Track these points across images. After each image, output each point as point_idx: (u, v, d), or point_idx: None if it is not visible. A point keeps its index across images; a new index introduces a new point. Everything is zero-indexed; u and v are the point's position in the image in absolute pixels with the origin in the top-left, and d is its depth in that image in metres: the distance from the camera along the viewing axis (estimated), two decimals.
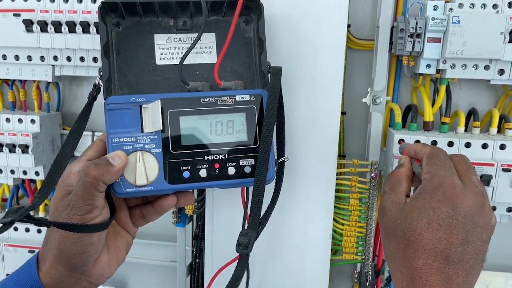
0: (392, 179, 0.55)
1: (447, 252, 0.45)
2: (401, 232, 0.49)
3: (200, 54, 0.63)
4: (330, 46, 0.68)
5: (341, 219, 0.81)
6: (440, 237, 0.46)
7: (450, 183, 0.48)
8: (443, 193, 0.48)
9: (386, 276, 0.85)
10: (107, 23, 0.61)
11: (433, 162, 0.52)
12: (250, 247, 0.51)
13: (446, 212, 0.47)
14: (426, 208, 0.48)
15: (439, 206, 0.47)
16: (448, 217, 0.46)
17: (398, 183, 0.54)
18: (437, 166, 0.51)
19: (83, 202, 0.49)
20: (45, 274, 0.51)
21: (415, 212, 0.48)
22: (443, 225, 0.46)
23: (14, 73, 0.86)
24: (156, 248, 0.95)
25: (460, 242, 0.45)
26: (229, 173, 0.56)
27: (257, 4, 0.62)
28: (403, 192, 0.53)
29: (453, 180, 0.48)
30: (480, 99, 0.83)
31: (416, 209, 0.48)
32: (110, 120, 0.54)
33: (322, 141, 0.71)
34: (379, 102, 0.79)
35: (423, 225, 0.47)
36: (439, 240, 0.46)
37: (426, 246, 0.46)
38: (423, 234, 0.47)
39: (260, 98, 0.58)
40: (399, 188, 0.53)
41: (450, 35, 0.69)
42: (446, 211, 0.47)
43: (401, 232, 0.48)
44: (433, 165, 0.51)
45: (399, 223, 0.49)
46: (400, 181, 0.54)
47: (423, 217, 0.47)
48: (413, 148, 0.57)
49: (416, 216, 0.48)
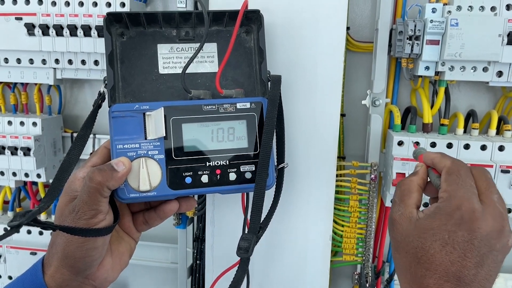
0: (402, 188, 0.52)
1: (459, 274, 0.44)
2: (413, 250, 0.47)
3: (202, 63, 0.65)
4: (329, 48, 0.68)
5: (341, 220, 0.81)
6: (453, 260, 0.44)
7: (469, 207, 0.46)
8: (461, 217, 0.45)
9: (386, 277, 0.86)
10: (112, 33, 0.62)
11: (453, 179, 0.49)
12: (250, 251, 0.51)
13: (462, 236, 0.45)
14: (441, 230, 0.46)
15: (455, 230, 0.45)
16: (463, 241, 0.45)
17: (408, 193, 0.51)
18: (457, 185, 0.48)
19: (88, 207, 0.50)
20: (50, 278, 0.52)
21: (429, 233, 0.46)
22: (458, 248, 0.45)
23: (16, 76, 0.87)
24: (157, 250, 0.95)
25: (474, 265, 0.44)
26: (230, 179, 0.56)
27: (258, 15, 0.63)
28: (413, 204, 0.51)
29: (473, 204, 0.46)
30: (479, 101, 0.83)
31: (431, 230, 0.46)
32: (115, 127, 0.55)
33: (322, 143, 0.71)
34: (378, 104, 0.80)
35: (437, 246, 0.45)
36: (452, 263, 0.44)
37: (438, 267, 0.45)
38: (436, 256, 0.45)
39: (260, 105, 0.58)
40: (409, 200, 0.51)
41: (449, 38, 0.70)
42: (462, 235, 0.45)
43: (413, 250, 0.47)
44: (453, 183, 0.48)
45: (411, 241, 0.47)
46: (411, 191, 0.52)
47: (437, 239, 0.46)
48: (431, 158, 0.54)
49: (430, 236, 0.46)
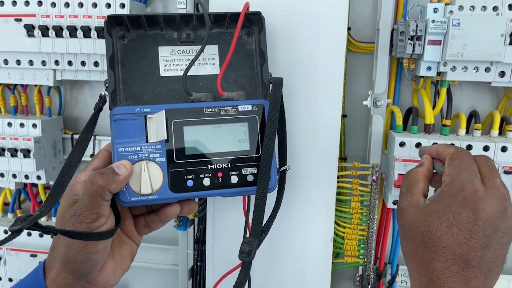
0: (409, 179, 0.54)
1: (466, 256, 0.45)
2: (419, 235, 0.48)
3: (203, 65, 0.64)
4: (330, 49, 0.68)
5: (343, 222, 0.81)
6: (459, 241, 0.46)
7: (472, 187, 0.47)
8: (464, 198, 0.47)
9: (388, 279, 0.86)
10: (113, 36, 0.62)
11: (456, 164, 0.51)
12: (252, 255, 0.51)
13: (466, 217, 0.46)
14: (446, 212, 0.47)
15: (460, 211, 0.47)
16: (468, 222, 0.46)
17: (415, 183, 0.53)
18: (460, 168, 0.50)
19: (89, 210, 0.49)
20: (51, 282, 0.52)
21: (435, 216, 0.48)
22: (463, 229, 0.46)
23: (15, 77, 0.86)
24: (158, 252, 0.95)
25: (480, 247, 0.45)
26: (232, 182, 0.56)
27: (259, 17, 0.63)
28: (419, 193, 0.52)
29: (475, 185, 0.48)
30: (481, 101, 0.83)
31: (436, 213, 0.48)
32: (116, 130, 0.55)
33: (323, 144, 0.70)
34: (380, 104, 0.79)
35: (443, 228, 0.47)
36: (458, 244, 0.46)
37: (445, 249, 0.46)
38: (442, 238, 0.46)
39: (262, 108, 0.58)
40: (416, 189, 0.52)
41: (451, 38, 0.69)
42: (466, 216, 0.46)
43: (420, 235, 0.48)
44: (456, 167, 0.50)
45: (418, 226, 0.49)
46: (417, 181, 0.53)
47: (442, 221, 0.47)
48: (435, 149, 0.56)
49: (435, 219, 0.47)
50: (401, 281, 0.87)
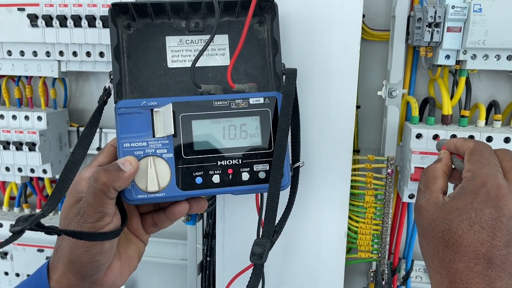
0: (427, 175, 0.53)
1: (490, 255, 0.43)
2: (439, 234, 0.47)
3: (212, 56, 0.62)
4: (344, 37, 0.66)
5: (356, 216, 0.79)
6: (482, 240, 0.44)
7: (494, 183, 0.46)
8: (487, 194, 0.45)
9: (403, 274, 0.84)
10: (118, 25, 0.60)
11: (476, 159, 0.49)
12: (264, 257, 0.49)
13: (489, 214, 0.44)
14: (467, 209, 0.46)
15: (482, 208, 0.45)
16: (491, 219, 0.44)
17: (433, 180, 0.52)
18: (480, 163, 0.48)
19: (93, 209, 0.48)
20: (55, 283, 0.50)
21: (455, 213, 0.46)
22: (486, 227, 0.44)
23: (19, 69, 0.85)
24: (167, 246, 0.94)
25: (504, 245, 0.43)
26: (243, 179, 0.54)
27: (271, 4, 0.60)
28: (438, 189, 0.51)
29: (498, 180, 0.46)
30: (501, 91, 0.80)
31: (457, 210, 0.46)
32: (121, 124, 0.53)
33: (336, 136, 0.69)
34: (395, 95, 0.77)
35: (464, 227, 0.45)
36: (482, 243, 0.44)
37: (467, 249, 0.44)
38: (464, 237, 0.45)
39: (274, 101, 0.56)
40: (434, 186, 0.51)
41: (471, 24, 0.67)
42: (489, 213, 0.44)
43: (440, 234, 0.47)
44: (476, 162, 0.49)
45: (438, 224, 0.47)
46: (436, 177, 0.52)
47: (464, 218, 0.45)
48: (454, 143, 0.54)
49: (456, 217, 0.46)
50: (416, 277, 0.86)
